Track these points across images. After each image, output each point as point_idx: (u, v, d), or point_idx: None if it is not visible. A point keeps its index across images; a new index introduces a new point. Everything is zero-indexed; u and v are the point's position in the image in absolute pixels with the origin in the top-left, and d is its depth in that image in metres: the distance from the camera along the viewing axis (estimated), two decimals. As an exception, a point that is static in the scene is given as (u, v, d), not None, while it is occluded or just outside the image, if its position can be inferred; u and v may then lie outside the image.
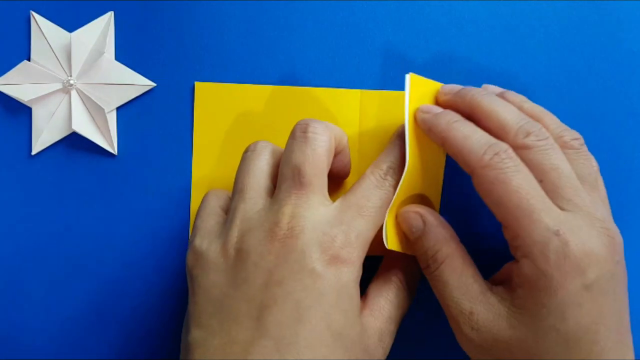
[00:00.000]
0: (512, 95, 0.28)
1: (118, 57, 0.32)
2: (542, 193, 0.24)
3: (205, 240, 0.26)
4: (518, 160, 0.24)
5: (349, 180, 0.31)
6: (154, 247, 0.32)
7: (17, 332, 0.32)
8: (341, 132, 0.27)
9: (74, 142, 0.32)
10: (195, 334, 0.24)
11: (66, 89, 0.31)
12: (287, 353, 0.23)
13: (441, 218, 0.27)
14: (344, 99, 0.31)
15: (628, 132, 0.32)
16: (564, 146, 0.26)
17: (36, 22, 0.31)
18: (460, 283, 0.26)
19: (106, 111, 0.31)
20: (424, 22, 0.32)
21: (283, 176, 0.25)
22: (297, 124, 0.26)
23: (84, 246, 0.32)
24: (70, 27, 0.32)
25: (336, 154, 0.27)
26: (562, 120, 0.32)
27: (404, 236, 0.28)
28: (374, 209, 0.25)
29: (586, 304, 0.23)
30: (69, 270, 0.32)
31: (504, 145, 0.24)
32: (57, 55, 0.31)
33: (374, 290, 0.27)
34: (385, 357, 0.26)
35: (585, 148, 0.26)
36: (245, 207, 0.26)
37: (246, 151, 0.28)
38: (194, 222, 0.28)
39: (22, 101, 0.31)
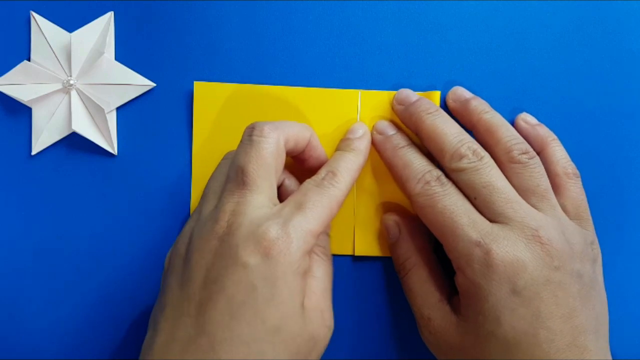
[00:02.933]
0: (475, 103, 0.30)
1: (118, 57, 0.32)
2: (471, 210, 0.26)
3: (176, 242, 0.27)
4: (448, 185, 0.27)
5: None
6: (154, 247, 0.32)
7: (17, 332, 0.32)
8: (300, 129, 0.28)
9: (74, 142, 0.32)
10: (148, 334, 0.25)
11: (66, 89, 0.31)
12: (221, 350, 0.23)
13: (420, 227, 0.29)
14: (344, 99, 0.31)
15: (628, 132, 0.32)
16: (510, 161, 0.27)
17: (36, 22, 0.31)
18: (422, 291, 0.28)
19: (106, 111, 0.31)
20: (424, 22, 0.32)
21: (228, 177, 0.26)
22: (246, 128, 0.27)
23: (83, 246, 0.32)
24: (70, 27, 0.32)
25: (299, 150, 0.28)
26: (563, 120, 0.32)
27: (375, 240, 0.31)
28: (312, 203, 0.25)
29: (519, 309, 0.24)
30: (69, 269, 0.32)
31: (435, 173, 0.28)
32: (57, 55, 0.31)
33: None
34: (330, 331, 0.26)
35: (534, 161, 0.28)
36: (201, 209, 0.27)
37: (223, 158, 0.29)
38: None
39: (22, 101, 0.31)
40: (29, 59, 0.32)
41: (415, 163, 0.28)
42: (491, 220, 0.26)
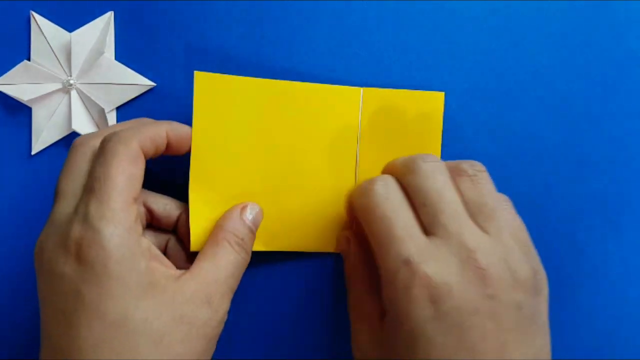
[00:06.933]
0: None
1: (118, 57, 0.32)
2: (411, 221, 0.24)
3: None
4: (392, 188, 0.25)
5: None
6: (154, 247, 0.32)
7: (17, 332, 0.32)
8: (153, 131, 0.26)
9: (74, 142, 0.32)
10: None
11: (66, 88, 0.31)
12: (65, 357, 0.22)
13: (364, 239, 0.27)
14: (345, 96, 0.31)
15: (628, 132, 0.32)
16: (458, 174, 0.26)
17: (36, 22, 0.31)
18: (358, 305, 0.27)
19: (106, 111, 0.31)
20: (424, 22, 0.32)
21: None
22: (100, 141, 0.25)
23: (83, 246, 0.32)
24: (70, 27, 0.32)
25: (162, 150, 0.27)
26: (563, 121, 0.32)
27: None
28: (98, 179, 0.24)
29: (437, 337, 0.22)
30: (69, 270, 0.32)
31: (386, 177, 0.26)
32: (57, 55, 0.31)
33: (200, 255, 0.26)
34: (219, 316, 0.25)
35: (483, 175, 0.25)
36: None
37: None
38: None
39: (22, 101, 0.31)
40: (29, 59, 0.32)
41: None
42: (430, 232, 0.24)
